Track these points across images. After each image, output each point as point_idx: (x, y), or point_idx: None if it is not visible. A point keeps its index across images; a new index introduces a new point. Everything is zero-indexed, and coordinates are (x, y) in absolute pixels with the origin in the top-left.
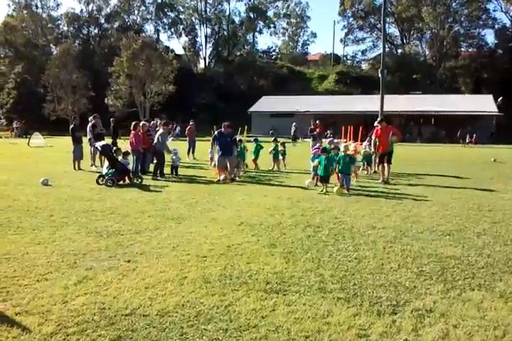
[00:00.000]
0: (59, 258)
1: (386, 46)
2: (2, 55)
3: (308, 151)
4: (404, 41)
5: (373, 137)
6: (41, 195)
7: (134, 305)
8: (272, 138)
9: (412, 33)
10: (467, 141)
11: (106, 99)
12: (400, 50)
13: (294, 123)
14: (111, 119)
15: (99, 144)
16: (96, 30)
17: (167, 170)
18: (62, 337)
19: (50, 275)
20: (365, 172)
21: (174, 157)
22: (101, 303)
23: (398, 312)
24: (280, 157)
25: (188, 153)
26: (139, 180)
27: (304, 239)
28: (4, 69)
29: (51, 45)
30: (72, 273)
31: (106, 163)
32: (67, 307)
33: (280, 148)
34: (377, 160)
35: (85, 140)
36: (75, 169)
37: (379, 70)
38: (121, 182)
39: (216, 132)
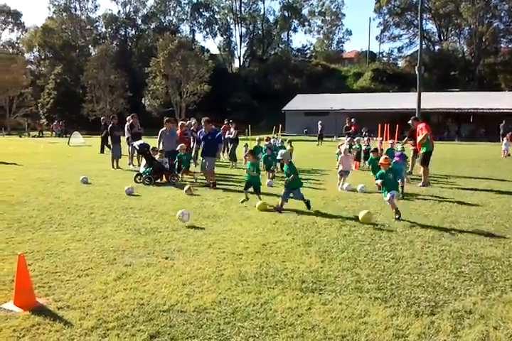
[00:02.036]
0: (99, 254)
1: (423, 43)
2: (42, 57)
3: (332, 150)
4: (442, 37)
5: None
6: (81, 193)
7: (171, 301)
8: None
9: (449, 29)
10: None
11: (143, 99)
12: (437, 47)
13: (320, 122)
14: (101, 118)
15: (136, 143)
16: (133, 31)
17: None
18: (103, 331)
19: (91, 271)
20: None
21: None
22: (140, 299)
23: (437, 313)
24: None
25: (223, 152)
26: (176, 179)
27: (339, 238)
28: (44, 70)
29: (89, 46)
30: (111, 269)
31: (143, 162)
32: (107, 302)
33: (288, 147)
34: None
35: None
36: (113, 168)
37: (416, 67)
38: (158, 181)
39: (199, 133)
